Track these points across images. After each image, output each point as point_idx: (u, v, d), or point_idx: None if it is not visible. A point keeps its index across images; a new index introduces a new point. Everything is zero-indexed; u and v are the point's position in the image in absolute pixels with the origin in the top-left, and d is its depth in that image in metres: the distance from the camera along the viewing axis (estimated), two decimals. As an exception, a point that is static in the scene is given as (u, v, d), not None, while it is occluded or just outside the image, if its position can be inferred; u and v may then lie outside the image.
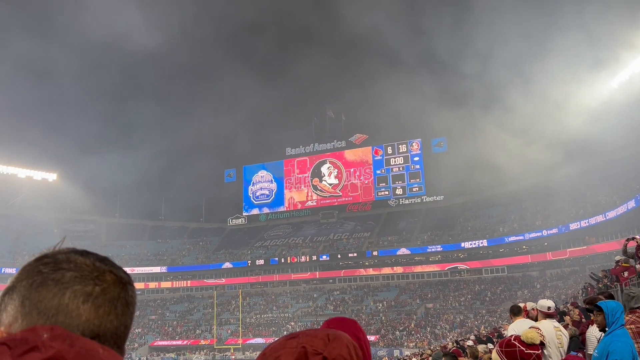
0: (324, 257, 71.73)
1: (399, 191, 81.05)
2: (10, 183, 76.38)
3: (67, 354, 0.68)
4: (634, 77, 51.79)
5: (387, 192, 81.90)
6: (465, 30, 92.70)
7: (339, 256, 71.41)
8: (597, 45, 52.39)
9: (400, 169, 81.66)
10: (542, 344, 5.46)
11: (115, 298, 0.79)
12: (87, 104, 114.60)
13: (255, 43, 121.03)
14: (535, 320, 6.08)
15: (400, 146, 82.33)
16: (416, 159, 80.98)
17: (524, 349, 3.63)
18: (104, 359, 0.71)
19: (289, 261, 72.90)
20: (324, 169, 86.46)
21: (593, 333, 5.87)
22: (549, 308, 5.70)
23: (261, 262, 74.22)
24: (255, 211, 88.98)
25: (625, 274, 13.91)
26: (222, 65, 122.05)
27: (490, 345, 12.58)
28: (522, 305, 8.63)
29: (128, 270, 1.55)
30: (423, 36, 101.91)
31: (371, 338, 54.51)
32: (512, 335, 3.65)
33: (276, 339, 0.96)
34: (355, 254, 70.92)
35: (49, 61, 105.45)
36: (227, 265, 75.88)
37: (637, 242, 14.24)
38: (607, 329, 4.42)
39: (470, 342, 14.95)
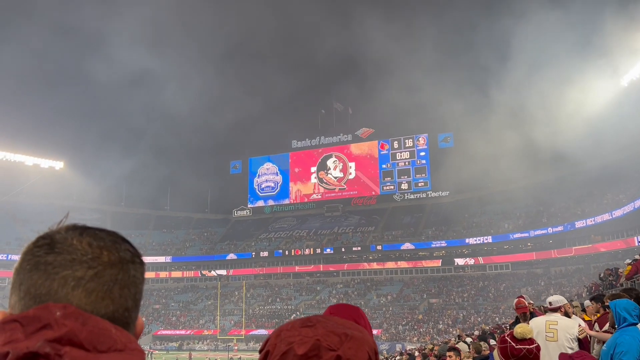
0: (328, 250, 71.85)
1: (404, 186, 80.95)
2: (18, 170, 76.80)
3: (79, 333, 0.67)
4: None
5: (392, 187, 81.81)
6: (475, 27, 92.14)
7: (343, 250, 71.50)
8: (608, 42, 51.92)
9: (406, 163, 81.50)
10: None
11: (111, 281, 0.74)
12: (95, 94, 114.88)
13: (263, 37, 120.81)
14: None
15: (406, 141, 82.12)
16: (422, 154, 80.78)
17: (514, 344, 3.78)
18: (116, 339, 0.70)
19: (293, 253, 73.07)
20: (330, 162, 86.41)
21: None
22: (550, 303, 6.29)
23: (265, 254, 74.45)
24: (260, 203, 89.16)
25: None
26: (228, 58, 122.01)
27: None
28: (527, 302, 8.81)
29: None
30: (432, 32, 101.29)
31: (374, 332, 54.58)
32: (509, 332, 3.78)
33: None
34: (359, 248, 71.01)
35: (55, 57, 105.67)
36: (232, 256, 76.18)
37: None
38: (616, 326, 4.50)
39: (469, 339, 14.94)
